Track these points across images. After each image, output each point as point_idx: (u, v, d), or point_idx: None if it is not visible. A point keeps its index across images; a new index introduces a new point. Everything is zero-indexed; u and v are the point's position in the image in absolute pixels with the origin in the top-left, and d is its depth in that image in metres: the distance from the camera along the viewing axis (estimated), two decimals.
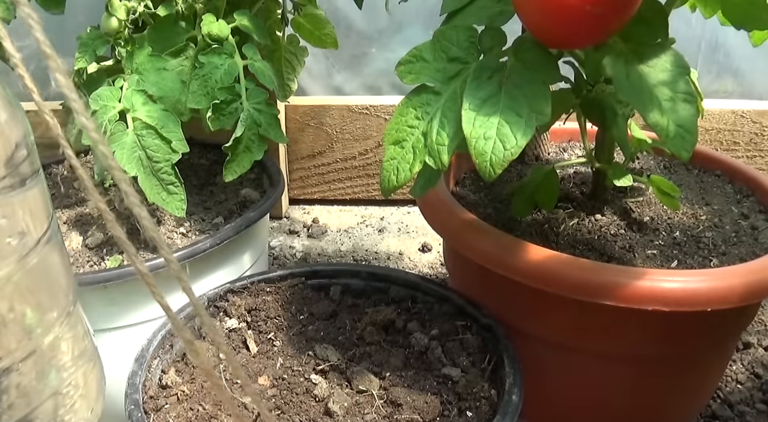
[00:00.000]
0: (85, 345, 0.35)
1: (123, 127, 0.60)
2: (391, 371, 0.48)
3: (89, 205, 0.75)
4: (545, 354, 0.53)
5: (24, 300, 0.32)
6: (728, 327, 0.53)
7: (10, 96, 0.46)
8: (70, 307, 0.34)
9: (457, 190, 0.64)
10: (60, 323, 0.33)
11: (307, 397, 0.46)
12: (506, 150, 0.40)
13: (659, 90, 0.42)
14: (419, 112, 0.44)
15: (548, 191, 0.56)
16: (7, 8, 0.59)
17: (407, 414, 0.44)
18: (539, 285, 0.48)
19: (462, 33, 0.45)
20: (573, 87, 0.53)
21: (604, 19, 0.40)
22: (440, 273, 0.84)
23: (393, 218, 0.98)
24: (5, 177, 0.39)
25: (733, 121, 0.93)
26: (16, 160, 0.47)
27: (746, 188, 0.64)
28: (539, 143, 0.68)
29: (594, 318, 0.49)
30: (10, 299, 0.31)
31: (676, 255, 0.53)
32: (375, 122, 0.95)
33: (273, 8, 0.73)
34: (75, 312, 0.34)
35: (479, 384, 0.46)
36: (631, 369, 0.53)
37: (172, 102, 0.62)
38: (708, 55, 0.94)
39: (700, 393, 0.59)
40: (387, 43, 0.97)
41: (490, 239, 0.51)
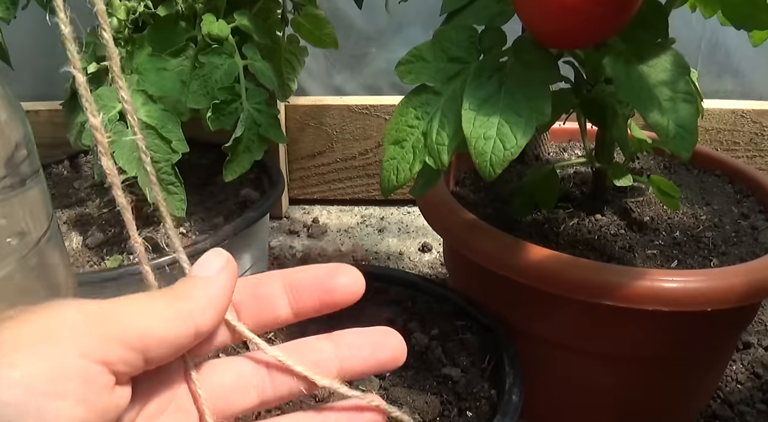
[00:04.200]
0: None
1: (123, 127, 0.60)
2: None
3: (89, 205, 0.75)
4: (545, 354, 0.53)
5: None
6: (728, 327, 0.53)
7: (10, 96, 0.46)
8: None
9: (457, 190, 0.64)
10: None
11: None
12: (506, 150, 0.40)
13: (659, 90, 0.42)
14: (419, 112, 0.44)
15: (548, 191, 0.56)
16: (7, 8, 0.59)
17: (407, 414, 0.44)
18: (539, 285, 0.48)
19: (462, 33, 0.45)
20: (573, 87, 0.53)
21: (604, 19, 0.40)
22: (440, 273, 0.84)
23: (393, 218, 0.98)
24: (5, 177, 0.39)
25: (733, 121, 0.93)
26: (16, 160, 0.47)
27: (746, 188, 0.64)
28: (539, 143, 0.68)
29: (594, 318, 0.49)
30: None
31: (676, 255, 0.53)
32: (375, 122, 0.95)
33: (273, 8, 0.73)
34: None
35: (479, 384, 0.46)
36: (631, 369, 0.53)
37: (172, 102, 0.62)
38: (708, 55, 0.94)
39: (700, 393, 0.59)
40: (387, 43, 0.97)
41: (490, 239, 0.51)
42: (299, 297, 0.28)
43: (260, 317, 0.28)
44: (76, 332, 0.22)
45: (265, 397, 0.28)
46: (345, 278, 0.28)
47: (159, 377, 0.26)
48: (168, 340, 0.24)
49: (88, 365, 0.22)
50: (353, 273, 0.28)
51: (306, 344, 0.29)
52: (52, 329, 0.22)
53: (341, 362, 0.28)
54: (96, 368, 0.22)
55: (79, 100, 0.57)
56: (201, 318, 0.25)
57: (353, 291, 0.28)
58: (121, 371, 0.23)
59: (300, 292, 0.28)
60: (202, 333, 0.25)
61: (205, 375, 0.27)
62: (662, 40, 0.44)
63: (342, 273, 0.28)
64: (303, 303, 0.28)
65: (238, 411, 0.28)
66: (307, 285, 0.28)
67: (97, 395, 0.22)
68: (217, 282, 0.26)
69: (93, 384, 0.22)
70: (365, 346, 0.29)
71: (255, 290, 0.28)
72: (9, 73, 0.66)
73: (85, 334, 0.22)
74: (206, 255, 0.27)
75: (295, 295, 0.28)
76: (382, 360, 0.29)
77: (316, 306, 0.28)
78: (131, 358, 0.23)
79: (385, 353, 0.29)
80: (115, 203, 0.27)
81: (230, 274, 0.26)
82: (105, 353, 0.22)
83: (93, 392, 0.22)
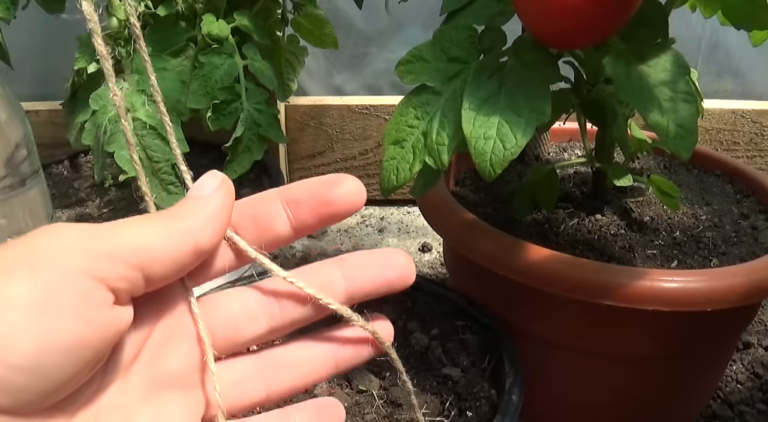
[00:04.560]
0: None
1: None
2: (391, 371, 0.48)
3: (89, 205, 0.75)
4: (545, 354, 0.53)
5: None
6: (728, 327, 0.53)
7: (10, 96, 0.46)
8: None
9: (457, 190, 0.64)
10: None
11: (307, 397, 0.46)
12: (506, 150, 0.40)
13: (659, 90, 0.42)
14: (419, 112, 0.44)
15: (548, 191, 0.56)
16: (7, 8, 0.59)
17: (407, 414, 0.44)
18: (539, 285, 0.48)
19: (462, 33, 0.45)
20: (573, 87, 0.53)
21: (604, 19, 0.40)
22: (440, 273, 0.84)
23: (393, 218, 0.98)
24: (5, 177, 0.39)
25: (733, 121, 0.93)
26: (16, 160, 0.47)
27: (746, 188, 0.64)
28: (539, 143, 0.68)
29: (594, 318, 0.49)
30: None
31: (676, 255, 0.53)
32: (375, 122, 0.95)
33: (273, 8, 0.73)
34: None
35: (479, 384, 0.47)
36: (631, 369, 0.53)
37: (172, 102, 0.62)
38: (708, 55, 0.94)
39: (700, 393, 0.59)
40: (387, 43, 0.97)
41: (490, 239, 0.50)
42: (297, 212, 0.27)
43: (261, 237, 0.27)
44: (71, 250, 0.22)
45: (275, 324, 0.28)
46: (342, 188, 0.27)
47: (163, 305, 0.26)
48: (167, 257, 0.24)
49: (84, 281, 0.22)
50: (351, 182, 0.27)
51: (312, 268, 0.28)
52: (47, 248, 0.22)
53: (348, 283, 0.28)
54: (92, 284, 0.22)
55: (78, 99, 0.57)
56: (200, 235, 0.25)
57: (352, 201, 0.27)
58: (120, 288, 0.23)
59: (298, 207, 0.27)
60: (202, 251, 0.25)
61: (212, 304, 0.27)
62: (662, 40, 0.44)
63: (339, 183, 0.27)
64: (302, 219, 0.27)
65: (248, 339, 0.28)
66: (305, 199, 0.27)
67: (96, 311, 0.22)
68: (215, 200, 0.25)
69: (90, 300, 0.22)
70: (372, 266, 0.29)
71: (253, 211, 0.27)
72: (9, 73, 0.66)
73: (80, 252, 0.22)
74: (202, 178, 0.26)
75: (293, 211, 0.27)
76: (390, 280, 0.29)
77: (315, 220, 0.27)
78: (129, 275, 0.23)
79: (393, 272, 0.29)
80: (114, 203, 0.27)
81: (227, 193, 0.26)
82: (101, 269, 0.22)
83: (91, 308, 0.22)
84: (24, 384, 0.21)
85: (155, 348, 0.26)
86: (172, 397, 0.26)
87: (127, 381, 0.25)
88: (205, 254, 0.25)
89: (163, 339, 0.26)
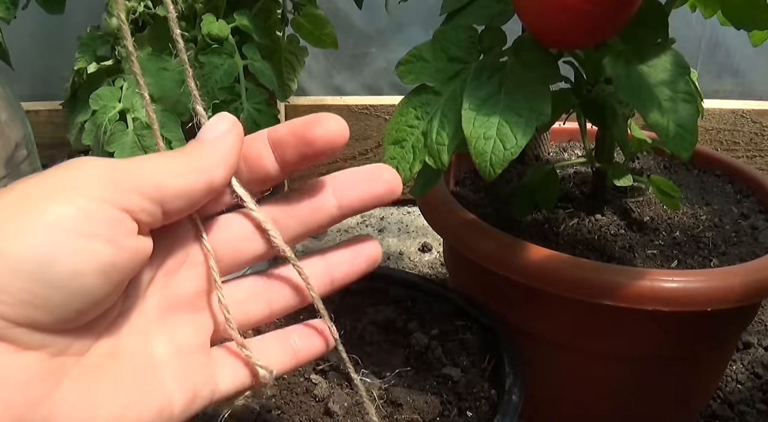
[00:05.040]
0: None
1: (123, 127, 0.60)
2: (391, 371, 0.48)
3: None
4: (545, 354, 0.53)
5: None
6: (728, 327, 0.53)
7: (10, 96, 0.46)
8: None
9: (457, 190, 0.64)
10: None
11: (307, 397, 0.46)
12: (506, 150, 0.40)
13: (659, 90, 0.42)
14: (419, 112, 0.44)
15: (548, 191, 0.56)
16: (7, 8, 0.59)
17: (407, 414, 0.44)
18: (539, 285, 0.48)
19: (462, 33, 0.45)
20: (573, 87, 0.53)
21: (604, 19, 0.40)
22: (440, 273, 0.84)
23: (393, 218, 0.98)
24: (5, 177, 0.39)
25: (733, 121, 0.93)
26: (16, 159, 0.47)
27: (746, 188, 0.64)
28: (539, 143, 0.68)
29: (594, 318, 0.49)
30: None
31: (676, 255, 0.53)
32: (375, 122, 0.95)
33: (273, 8, 0.73)
34: None
35: (479, 384, 0.46)
36: (631, 369, 0.53)
37: (172, 102, 0.62)
38: (708, 55, 0.95)
39: (701, 393, 0.59)
40: (387, 43, 0.97)
41: (490, 239, 0.51)
42: (282, 152, 0.29)
43: (251, 175, 0.29)
44: (98, 182, 0.24)
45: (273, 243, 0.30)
46: (322, 128, 0.28)
47: (174, 236, 0.28)
48: (184, 193, 0.26)
49: (114, 211, 0.24)
50: (332, 121, 0.28)
51: (304, 188, 0.31)
52: (75, 180, 0.24)
53: (339, 200, 0.31)
54: (119, 213, 0.24)
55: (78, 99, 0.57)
56: (214, 173, 0.27)
57: (333, 140, 0.28)
58: (142, 220, 0.25)
59: (282, 148, 0.29)
60: (216, 187, 0.27)
61: (213, 229, 0.30)
62: (662, 40, 0.44)
63: (321, 123, 0.28)
64: (287, 159, 0.29)
65: (249, 259, 0.30)
66: (288, 140, 0.28)
67: (124, 237, 0.24)
68: (226, 141, 0.28)
69: (120, 228, 0.24)
70: (360, 182, 0.31)
71: (244, 150, 0.29)
72: (9, 73, 0.66)
73: (107, 184, 0.24)
74: (213, 119, 0.28)
75: (278, 151, 0.29)
76: (378, 193, 0.31)
77: (299, 159, 0.29)
78: (150, 208, 0.25)
79: (380, 186, 0.31)
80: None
81: (237, 134, 0.28)
82: (126, 201, 0.24)
83: (120, 234, 0.24)
84: (61, 302, 0.22)
85: (167, 275, 0.28)
86: (184, 319, 0.29)
87: (144, 305, 0.27)
88: (217, 191, 0.28)
89: (174, 266, 0.28)
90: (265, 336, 0.32)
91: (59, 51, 0.84)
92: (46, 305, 0.22)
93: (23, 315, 0.22)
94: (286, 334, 0.32)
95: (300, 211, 0.30)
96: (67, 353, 0.24)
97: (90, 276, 0.23)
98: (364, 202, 0.31)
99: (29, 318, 0.22)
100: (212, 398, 0.29)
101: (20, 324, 0.22)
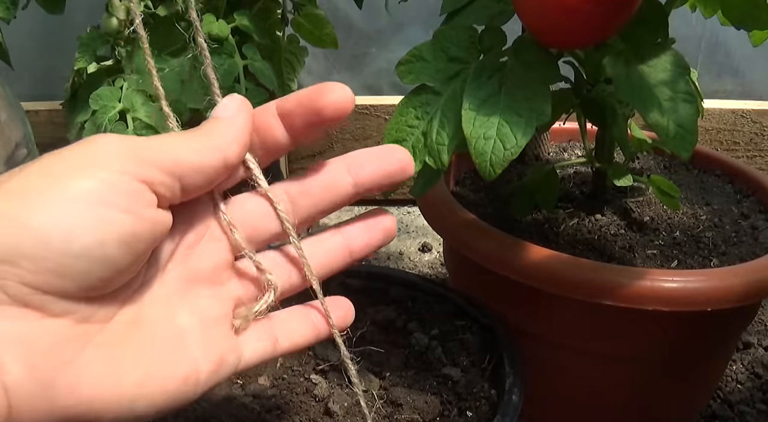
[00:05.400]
0: None
1: (123, 127, 0.60)
2: (391, 371, 0.48)
3: None
4: (545, 354, 0.53)
5: None
6: (728, 327, 0.53)
7: (10, 96, 0.46)
8: None
9: (457, 190, 0.64)
10: None
11: (307, 397, 0.46)
12: (506, 150, 0.40)
13: (659, 90, 0.42)
14: (419, 112, 0.44)
15: (548, 191, 0.56)
16: (7, 8, 0.59)
17: (407, 414, 0.44)
18: (539, 285, 0.48)
19: (462, 33, 0.45)
20: (573, 87, 0.53)
21: (604, 19, 0.40)
22: (440, 273, 0.84)
23: None
24: None
25: (733, 121, 0.93)
26: (16, 159, 0.47)
27: (746, 188, 0.64)
28: (539, 143, 0.68)
29: (594, 318, 0.49)
30: None
31: (676, 255, 0.53)
32: (375, 122, 0.94)
33: (273, 8, 0.73)
34: None
35: (479, 384, 0.46)
36: (631, 369, 0.53)
37: (171, 102, 0.62)
38: (708, 55, 0.94)
39: (701, 393, 0.59)
40: (387, 43, 0.97)
41: (490, 239, 0.51)
42: (291, 123, 0.30)
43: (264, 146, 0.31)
44: (118, 156, 0.25)
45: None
46: (329, 97, 0.29)
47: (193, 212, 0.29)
48: (201, 169, 0.27)
49: (134, 183, 0.25)
50: (339, 90, 0.29)
51: (319, 166, 0.32)
52: (96, 155, 0.25)
53: (355, 178, 0.32)
54: (139, 185, 0.25)
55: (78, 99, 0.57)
56: (229, 150, 0.28)
57: (340, 107, 0.29)
58: (161, 193, 0.26)
59: (291, 118, 0.30)
60: (231, 164, 0.28)
61: (231, 207, 0.31)
62: (662, 40, 0.44)
63: (327, 92, 0.29)
64: (296, 129, 0.30)
65: (266, 237, 0.31)
66: (296, 111, 0.30)
67: (144, 209, 0.25)
68: (239, 120, 0.29)
69: (140, 200, 0.25)
70: (373, 160, 0.32)
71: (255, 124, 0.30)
72: (9, 73, 0.66)
73: (127, 158, 0.25)
74: (223, 101, 0.30)
75: (287, 122, 0.30)
76: (391, 171, 0.32)
77: (308, 129, 0.30)
78: (168, 182, 0.26)
79: (393, 164, 0.32)
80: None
81: (248, 113, 0.29)
82: (145, 173, 0.25)
83: (141, 206, 0.25)
84: (85, 270, 0.23)
85: (187, 250, 0.29)
86: (206, 292, 0.30)
87: (165, 277, 0.28)
88: (232, 168, 0.29)
89: (193, 241, 0.30)
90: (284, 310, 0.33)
91: (59, 51, 0.84)
92: (70, 273, 0.23)
93: (48, 283, 0.23)
94: (342, 230, 0.34)
95: (316, 188, 0.31)
96: (92, 320, 0.25)
97: (112, 246, 0.24)
98: (377, 180, 0.32)
99: (54, 285, 0.23)
100: (238, 366, 0.29)
101: (45, 291, 0.23)
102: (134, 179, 0.25)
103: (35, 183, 0.23)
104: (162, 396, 0.26)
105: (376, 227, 0.34)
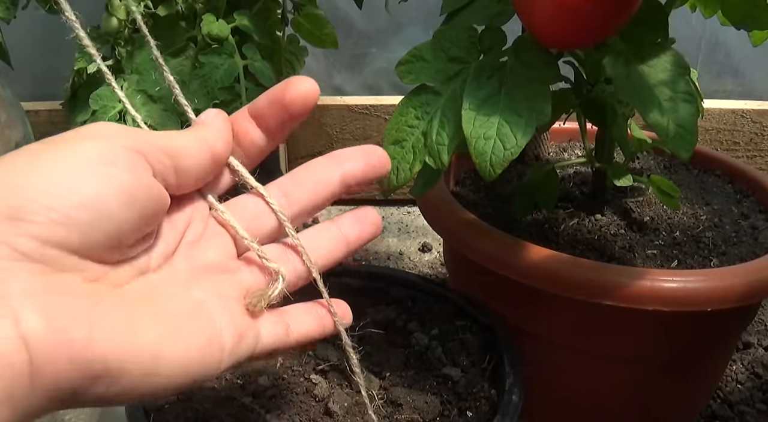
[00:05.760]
0: None
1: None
2: (391, 371, 0.48)
3: None
4: (545, 354, 0.53)
5: None
6: (728, 327, 0.53)
7: (10, 96, 0.46)
8: None
9: (457, 190, 0.64)
10: None
11: (307, 397, 0.46)
12: (506, 150, 0.40)
13: (659, 90, 0.42)
14: (419, 112, 0.44)
15: (548, 191, 0.56)
16: (7, 8, 0.59)
17: (407, 414, 0.44)
18: (539, 285, 0.48)
19: (462, 33, 0.45)
20: (573, 87, 0.53)
21: (604, 19, 0.40)
22: (440, 273, 0.84)
23: (393, 218, 0.98)
24: None
25: (733, 121, 0.93)
26: None
27: (746, 188, 0.64)
28: (539, 143, 0.68)
29: (594, 318, 0.49)
30: None
31: (676, 255, 0.53)
32: (375, 122, 0.94)
33: (273, 8, 0.73)
34: None
35: (479, 384, 0.46)
36: (631, 369, 0.53)
37: (171, 102, 0.62)
38: (708, 55, 0.94)
39: (700, 393, 0.59)
40: (387, 43, 0.97)
41: (490, 239, 0.51)
42: (265, 124, 0.32)
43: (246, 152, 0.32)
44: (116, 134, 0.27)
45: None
46: (293, 91, 0.31)
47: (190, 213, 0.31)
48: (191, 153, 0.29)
49: (132, 153, 0.27)
50: (301, 83, 0.31)
51: (308, 164, 0.34)
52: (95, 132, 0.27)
53: (342, 171, 0.33)
54: (137, 156, 0.27)
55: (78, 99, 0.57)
56: (215, 144, 0.30)
57: (305, 99, 0.31)
58: (156, 168, 0.28)
59: (263, 119, 0.32)
60: (217, 157, 0.30)
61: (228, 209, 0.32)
62: (662, 40, 0.44)
63: (290, 87, 0.31)
64: (270, 129, 0.32)
65: (265, 233, 0.33)
66: (266, 111, 0.31)
67: (143, 172, 0.27)
68: (218, 121, 0.31)
69: (137, 165, 0.27)
70: (357, 156, 0.34)
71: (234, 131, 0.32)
72: (9, 73, 0.66)
73: (124, 136, 0.27)
74: (202, 114, 0.32)
75: (260, 124, 0.32)
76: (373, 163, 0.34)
77: (280, 126, 0.32)
78: (164, 160, 0.28)
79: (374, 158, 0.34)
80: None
81: (226, 118, 0.31)
82: (142, 148, 0.27)
83: (138, 168, 0.27)
84: (88, 221, 0.24)
85: (190, 246, 0.31)
86: (218, 278, 0.31)
87: (173, 266, 0.30)
88: (219, 162, 0.31)
89: (194, 238, 0.31)
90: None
91: (59, 51, 0.84)
92: (75, 223, 0.24)
93: (56, 234, 0.24)
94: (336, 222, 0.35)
95: (308, 182, 0.33)
96: (102, 281, 0.26)
97: (111, 200, 0.25)
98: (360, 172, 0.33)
99: (61, 237, 0.24)
100: (256, 347, 0.30)
101: (54, 244, 0.24)
102: (132, 151, 0.26)
103: (40, 150, 0.25)
104: (186, 358, 0.26)
105: (366, 220, 0.35)
